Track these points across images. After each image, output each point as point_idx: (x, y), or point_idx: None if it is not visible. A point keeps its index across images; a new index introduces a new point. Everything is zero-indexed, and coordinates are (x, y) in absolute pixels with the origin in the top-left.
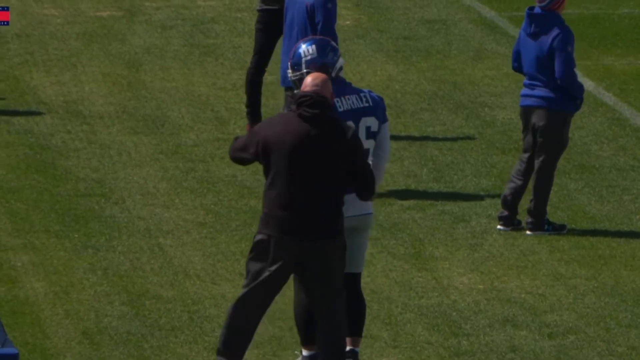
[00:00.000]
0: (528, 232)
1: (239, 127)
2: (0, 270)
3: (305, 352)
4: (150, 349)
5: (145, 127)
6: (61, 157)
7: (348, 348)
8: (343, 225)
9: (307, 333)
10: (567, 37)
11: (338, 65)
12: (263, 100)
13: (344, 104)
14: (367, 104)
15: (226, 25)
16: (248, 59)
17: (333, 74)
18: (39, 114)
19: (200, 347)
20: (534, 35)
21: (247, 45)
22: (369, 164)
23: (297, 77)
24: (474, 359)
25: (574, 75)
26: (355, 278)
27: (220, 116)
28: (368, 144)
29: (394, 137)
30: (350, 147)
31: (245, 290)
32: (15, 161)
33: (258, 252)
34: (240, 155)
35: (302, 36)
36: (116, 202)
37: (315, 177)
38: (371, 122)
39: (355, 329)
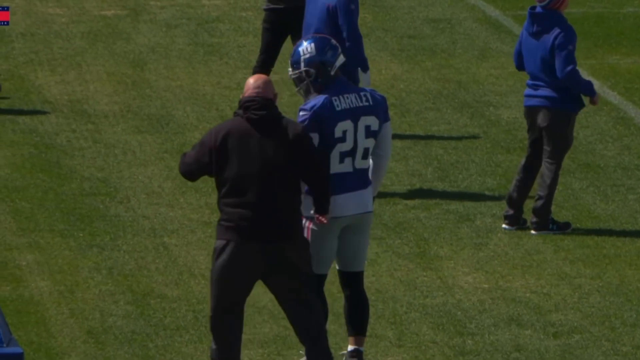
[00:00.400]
0: (533, 232)
1: None
2: (5, 269)
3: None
4: (155, 348)
5: (150, 126)
6: (66, 156)
7: (352, 347)
8: (302, 226)
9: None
10: (568, 36)
11: (338, 63)
12: None
13: (341, 102)
14: (366, 103)
15: (231, 25)
16: (253, 58)
17: (332, 72)
18: (43, 113)
19: (205, 346)
20: (536, 35)
21: (252, 44)
22: (321, 161)
23: (296, 76)
24: (479, 358)
25: (576, 74)
26: (358, 276)
27: (224, 115)
28: (367, 143)
29: (399, 136)
30: (300, 145)
31: (214, 302)
32: (20, 160)
33: (221, 258)
34: (192, 169)
35: None
36: (121, 201)
37: (269, 179)
38: (371, 121)
39: (359, 328)
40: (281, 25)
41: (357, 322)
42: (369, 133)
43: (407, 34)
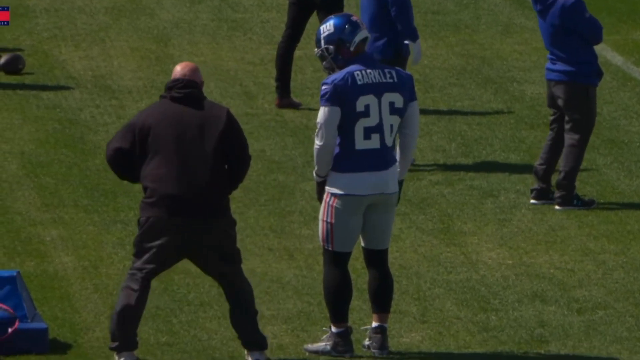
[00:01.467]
0: (557, 207)
1: (267, 101)
2: (29, 244)
3: (334, 329)
4: (179, 323)
5: None
6: (90, 131)
7: (376, 324)
8: (229, 202)
9: (337, 310)
10: (579, 6)
11: (357, 39)
12: (292, 75)
13: (364, 77)
14: (390, 80)
15: (255, 0)
16: (276, 33)
17: (352, 48)
18: (67, 88)
19: (228, 322)
20: (542, 13)
21: (276, 19)
22: (246, 144)
23: (319, 54)
24: (503, 334)
25: (600, 32)
26: (383, 254)
27: (248, 91)
28: (392, 119)
29: (423, 112)
30: (225, 125)
31: (135, 269)
32: (44, 136)
33: (147, 232)
34: (116, 146)
35: (372, 14)
36: None
37: (194, 155)
38: (395, 97)
39: (383, 306)
40: (307, 0)
41: (381, 299)
42: (394, 110)
43: (430, 9)
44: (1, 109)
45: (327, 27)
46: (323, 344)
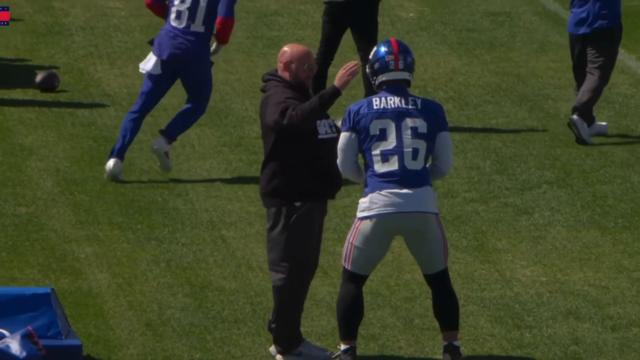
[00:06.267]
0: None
1: None
2: (64, 261)
3: (342, 346)
4: (213, 340)
5: (209, 120)
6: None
7: (445, 343)
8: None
9: (346, 327)
10: None
11: (382, 79)
12: None
13: (381, 102)
14: (412, 107)
15: (290, 18)
16: (312, 51)
17: (376, 83)
18: (102, 106)
19: (262, 339)
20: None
21: (311, 37)
22: None
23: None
24: (537, 351)
25: None
26: (439, 276)
27: None
28: (417, 144)
29: (457, 129)
30: None
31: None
32: (80, 153)
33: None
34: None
35: None
36: (179, 194)
37: None
38: (417, 123)
39: (449, 323)
40: (341, 18)
41: (446, 317)
42: (417, 134)
43: (466, 27)
44: (37, 126)
45: (375, 49)
46: None
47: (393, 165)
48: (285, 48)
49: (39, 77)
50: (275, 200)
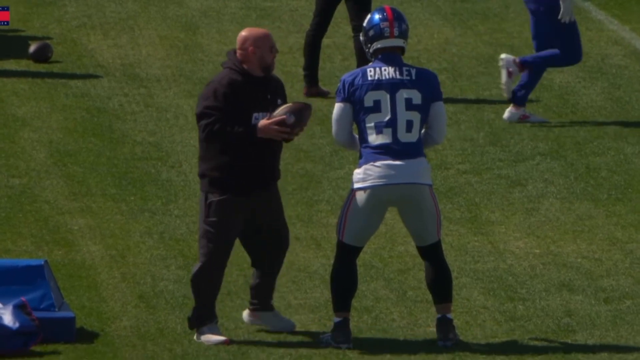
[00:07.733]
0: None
1: (295, 90)
2: (57, 233)
3: (335, 318)
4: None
5: (201, 89)
6: (118, 120)
7: (438, 315)
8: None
9: (339, 300)
10: None
11: (376, 46)
12: (320, 64)
13: (376, 73)
14: (407, 77)
15: None
16: (305, 22)
17: (370, 51)
18: (96, 77)
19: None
20: None
21: (304, 8)
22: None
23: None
24: (530, 323)
25: None
26: (432, 248)
27: None
28: (410, 115)
29: (451, 101)
30: None
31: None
32: (73, 124)
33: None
34: None
35: None
36: (173, 165)
37: None
38: (412, 94)
39: (442, 296)
40: None
41: (439, 290)
42: (411, 106)
43: None
44: (30, 97)
45: (369, 16)
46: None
47: (387, 138)
48: (244, 33)
49: (32, 48)
50: (201, 184)
